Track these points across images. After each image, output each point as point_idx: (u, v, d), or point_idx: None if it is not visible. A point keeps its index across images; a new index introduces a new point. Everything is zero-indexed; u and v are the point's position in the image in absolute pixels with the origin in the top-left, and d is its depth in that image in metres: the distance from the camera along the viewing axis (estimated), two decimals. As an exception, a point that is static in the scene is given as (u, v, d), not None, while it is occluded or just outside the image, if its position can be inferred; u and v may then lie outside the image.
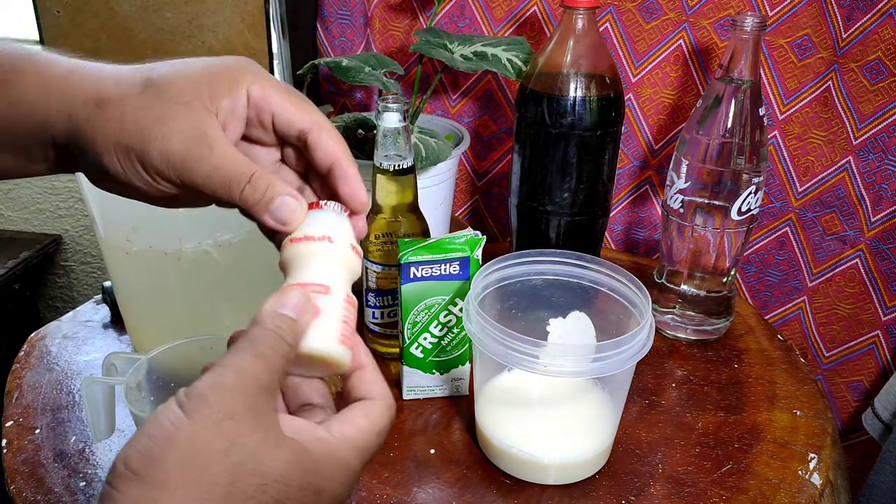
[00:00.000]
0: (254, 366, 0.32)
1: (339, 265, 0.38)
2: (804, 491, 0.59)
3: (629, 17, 0.86)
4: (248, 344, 0.33)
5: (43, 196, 1.38)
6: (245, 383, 0.32)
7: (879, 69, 0.77)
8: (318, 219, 0.39)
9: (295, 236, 0.39)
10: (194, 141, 0.37)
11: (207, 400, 0.30)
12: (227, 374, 0.32)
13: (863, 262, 0.84)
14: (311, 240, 0.38)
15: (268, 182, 0.38)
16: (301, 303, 0.36)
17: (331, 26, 0.91)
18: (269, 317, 0.34)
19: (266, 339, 0.33)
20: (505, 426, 0.60)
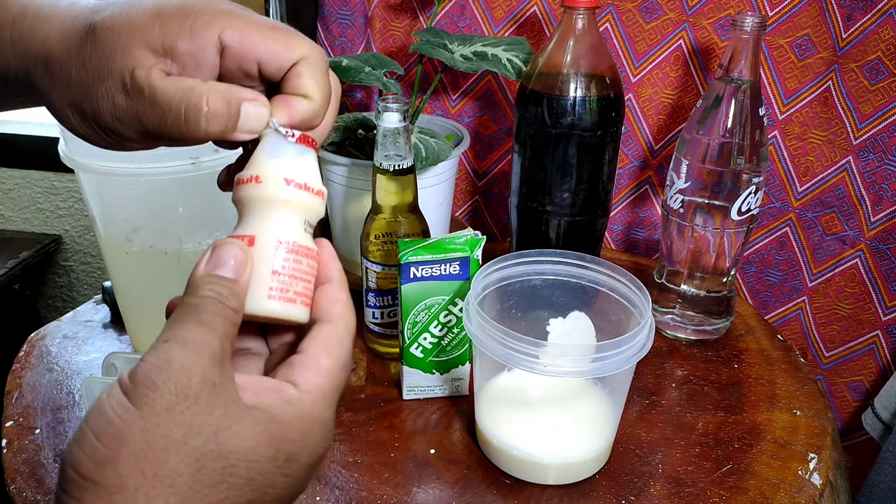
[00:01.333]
0: (200, 335, 0.29)
1: (269, 208, 0.33)
2: (804, 491, 0.59)
3: (629, 17, 0.86)
4: (187, 313, 0.30)
5: (43, 196, 1.38)
6: (195, 356, 0.29)
7: (879, 69, 0.77)
8: (256, 155, 0.34)
9: (236, 176, 0.35)
10: (134, 91, 0.33)
11: (155, 384, 0.28)
12: (174, 349, 0.28)
13: (863, 262, 0.84)
14: (240, 183, 0.34)
15: (225, 101, 0.33)
16: (239, 260, 0.32)
17: (331, 26, 0.91)
18: (203, 282, 0.31)
19: (206, 306, 0.30)
20: (505, 426, 0.60)
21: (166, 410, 0.27)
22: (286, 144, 0.34)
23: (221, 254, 0.32)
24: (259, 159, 0.34)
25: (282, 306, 0.33)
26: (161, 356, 0.28)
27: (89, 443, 0.27)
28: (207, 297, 0.30)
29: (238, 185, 0.34)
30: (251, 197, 0.33)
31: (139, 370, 0.28)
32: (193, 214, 0.68)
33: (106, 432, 0.27)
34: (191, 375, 0.28)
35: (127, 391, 0.28)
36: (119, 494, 0.26)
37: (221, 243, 0.32)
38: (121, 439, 0.27)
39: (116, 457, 0.27)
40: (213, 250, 0.32)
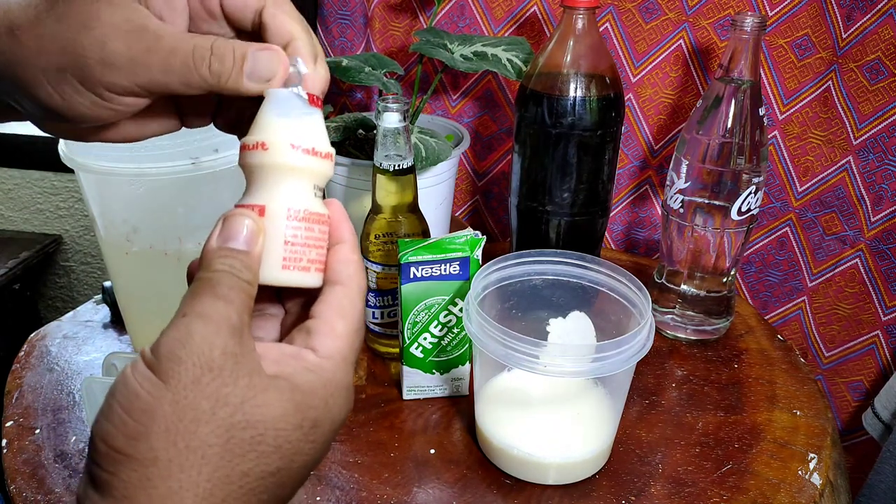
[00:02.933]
0: (217, 308, 0.29)
1: (278, 176, 0.33)
2: (804, 491, 0.59)
3: (629, 17, 0.86)
4: (202, 288, 0.30)
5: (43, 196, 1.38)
6: (215, 328, 0.29)
7: (879, 69, 0.77)
8: (259, 118, 0.33)
9: (241, 141, 0.33)
10: (134, 35, 0.31)
11: (179, 358, 0.28)
12: (193, 323, 0.29)
13: (863, 262, 0.84)
14: (245, 149, 0.33)
15: (231, 46, 0.32)
16: (251, 231, 0.31)
17: (331, 26, 0.91)
18: (216, 255, 0.31)
19: (221, 279, 0.30)
20: (505, 426, 0.60)
21: (193, 383, 0.28)
22: (291, 105, 0.33)
23: (233, 225, 0.31)
24: (264, 122, 0.33)
25: (296, 275, 0.33)
26: (181, 330, 0.28)
27: (119, 417, 0.27)
28: (221, 270, 0.30)
29: (244, 152, 0.33)
30: (258, 164, 0.32)
31: (161, 345, 0.28)
32: (193, 214, 0.68)
33: (135, 406, 0.27)
34: (212, 347, 0.28)
35: (151, 365, 0.28)
36: (153, 467, 0.27)
37: (231, 214, 0.32)
38: (151, 413, 0.27)
39: (148, 430, 0.27)
40: (223, 222, 0.31)
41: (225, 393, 0.28)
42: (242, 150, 0.33)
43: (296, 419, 0.30)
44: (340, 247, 0.35)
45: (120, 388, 0.28)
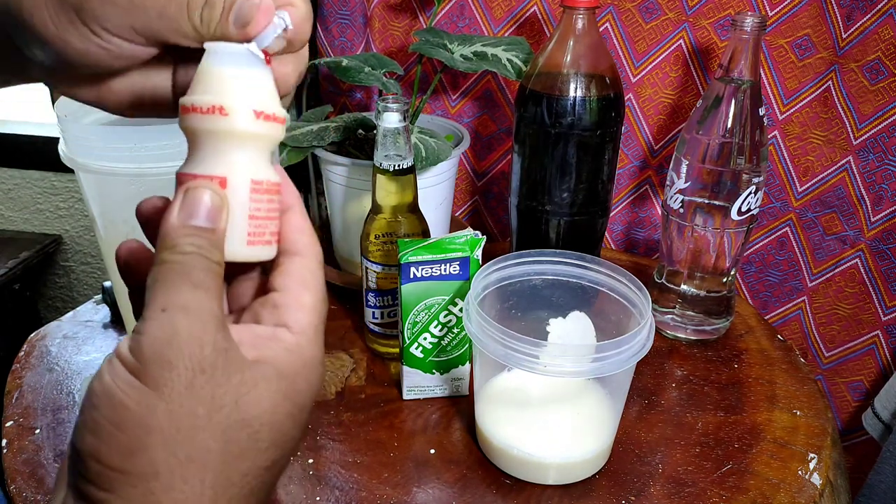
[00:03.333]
0: (198, 299, 0.27)
1: (238, 144, 0.30)
2: (804, 491, 0.59)
3: (629, 17, 0.86)
4: (175, 275, 0.28)
5: (43, 196, 1.38)
6: (201, 323, 0.27)
7: (879, 69, 0.77)
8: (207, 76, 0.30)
9: (184, 100, 0.30)
10: None
11: (170, 363, 0.26)
12: (177, 318, 0.27)
13: (863, 262, 0.84)
14: (195, 111, 0.29)
15: None
16: (215, 206, 0.29)
17: (331, 26, 0.91)
18: (180, 234, 0.28)
19: (193, 263, 0.28)
20: (505, 426, 0.60)
21: (186, 388, 0.26)
22: (248, 63, 0.30)
23: (195, 200, 0.29)
24: (216, 81, 0.30)
25: (259, 250, 0.31)
26: (165, 328, 0.26)
27: (108, 433, 0.26)
28: (190, 252, 0.28)
29: (193, 114, 0.29)
30: (214, 131, 0.29)
31: (144, 346, 0.26)
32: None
33: (126, 420, 0.26)
34: (203, 345, 0.27)
35: (136, 372, 0.26)
36: (155, 481, 0.26)
37: (193, 187, 0.29)
38: (145, 426, 0.26)
39: (144, 444, 0.26)
40: (184, 195, 0.29)
41: (220, 394, 0.27)
42: (191, 111, 0.29)
43: (286, 408, 0.29)
44: (291, 214, 0.33)
45: (103, 399, 0.26)
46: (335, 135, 0.78)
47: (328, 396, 0.69)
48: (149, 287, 0.28)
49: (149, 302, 0.27)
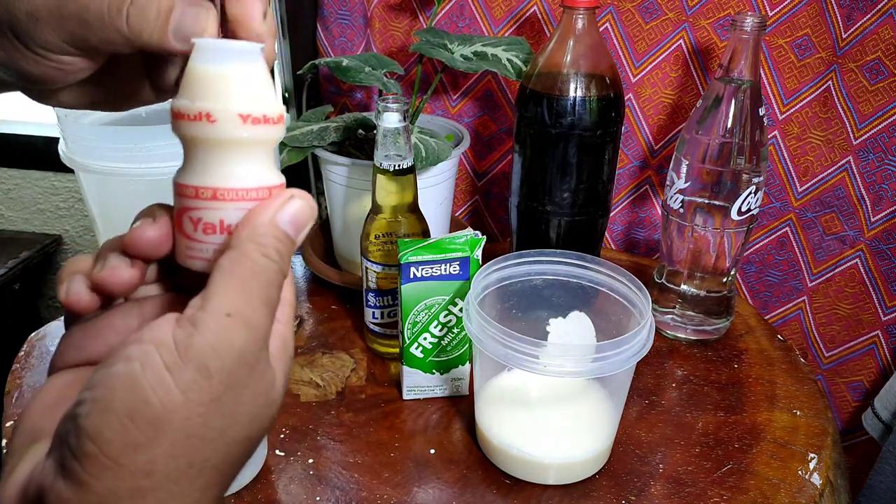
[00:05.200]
0: (262, 317, 0.27)
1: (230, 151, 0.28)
2: (804, 491, 0.59)
3: (629, 17, 0.86)
4: (255, 281, 0.27)
5: (43, 196, 1.38)
6: (254, 343, 0.26)
7: (879, 69, 0.77)
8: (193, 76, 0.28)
9: (173, 105, 0.28)
10: None
11: (208, 371, 0.25)
12: (237, 332, 0.26)
13: (863, 262, 0.84)
14: (185, 119, 0.28)
15: None
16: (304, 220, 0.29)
17: (331, 26, 0.91)
18: (273, 237, 0.28)
19: (271, 277, 0.27)
20: (505, 426, 0.60)
21: (212, 401, 0.25)
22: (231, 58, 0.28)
23: (298, 209, 0.28)
24: (203, 84, 0.27)
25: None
26: (223, 338, 0.25)
27: (119, 421, 0.24)
28: (275, 260, 0.27)
29: (181, 121, 0.28)
30: (203, 139, 0.28)
31: (193, 348, 0.25)
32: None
33: (142, 415, 0.24)
34: (244, 364, 0.26)
35: (171, 368, 0.25)
36: (147, 480, 0.25)
37: (299, 195, 0.29)
38: (159, 426, 0.24)
39: (150, 443, 0.25)
40: (288, 199, 0.28)
41: (240, 412, 0.26)
42: (180, 118, 0.28)
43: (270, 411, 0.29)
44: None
45: (125, 384, 0.25)
46: (335, 135, 0.78)
47: (329, 396, 0.69)
48: (221, 270, 0.27)
49: (214, 291, 0.26)
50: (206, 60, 0.27)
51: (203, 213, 0.28)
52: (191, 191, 0.28)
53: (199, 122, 0.27)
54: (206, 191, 0.28)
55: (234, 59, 0.28)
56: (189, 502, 0.26)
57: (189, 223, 0.29)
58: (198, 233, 0.29)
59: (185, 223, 0.29)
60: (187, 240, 0.29)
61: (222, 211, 0.28)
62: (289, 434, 0.64)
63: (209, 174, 0.28)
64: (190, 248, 0.29)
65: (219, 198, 0.28)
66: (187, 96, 0.28)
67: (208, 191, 0.28)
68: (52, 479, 0.25)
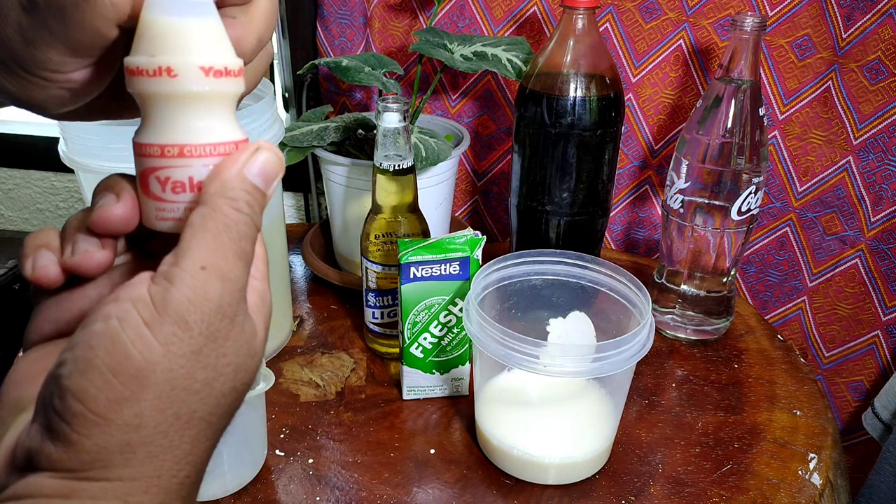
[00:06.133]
0: (238, 270, 0.27)
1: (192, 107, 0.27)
2: (804, 491, 0.59)
3: (629, 17, 0.86)
4: (227, 235, 0.27)
5: (43, 196, 1.38)
6: (230, 295, 0.26)
7: (879, 69, 0.77)
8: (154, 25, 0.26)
9: (128, 62, 0.27)
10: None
11: (187, 324, 0.25)
12: (212, 284, 0.26)
13: (863, 262, 0.84)
14: (142, 74, 0.26)
15: None
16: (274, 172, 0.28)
17: (331, 26, 0.91)
18: (243, 189, 0.27)
19: (244, 230, 0.27)
20: (505, 426, 0.60)
21: (193, 353, 0.25)
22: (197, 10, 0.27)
23: (266, 160, 0.28)
24: (160, 37, 0.26)
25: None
26: (199, 291, 0.26)
27: (102, 377, 0.24)
28: (246, 213, 0.27)
29: (138, 77, 0.26)
30: (164, 94, 0.27)
31: (170, 301, 0.25)
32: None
33: (124, 369, 0.25)
34: (223, 316, 0.26)
35: (150, 323, 0.25)
36: (135, 433, 0.25)
37: (268, 148, 0.28)
38: (142, 380, 0.25)
39: (135, 397, 0.25)
40: (257, 152, 0.28)
41: (223, 364, 0.26)
42: (138, 74, 0.26)
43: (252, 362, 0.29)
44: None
45: (105, 341, 0.25)
46: (335, 135, 0.78)
47: (328, 396, 0.69)
48: (193, 227, 0.27)
49: (188, 247, 0.26)
50: (161, 12, 0.26)
51: (171, 171, 0.27)
52: (156, 150, 0.27)
53: (159, 77, 0.26)
54: (173, 148, 0.27)
55: (190, 11, 0.27)
56: (179, 454, 0.26)
57: (156, 184, 0.28)
58: (167, 193, 0.28)
59: (151, 184, 0.28)
60: (156, 201, 0.28)
61: (191, 168, 0.28)
62: (289, 434, 0.64)
63: (174, 131, 0.27)
64: (160, 209, 0.28)
65: (186, 154, 0.27)
66: (144, 51, 0.26)
67: (175, 148, 0.27)
68: (39, 441, 0.25)
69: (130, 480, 0.25)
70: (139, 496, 0.25)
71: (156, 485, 0.26)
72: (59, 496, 0.25)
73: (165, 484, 0.26)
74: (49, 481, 0.25)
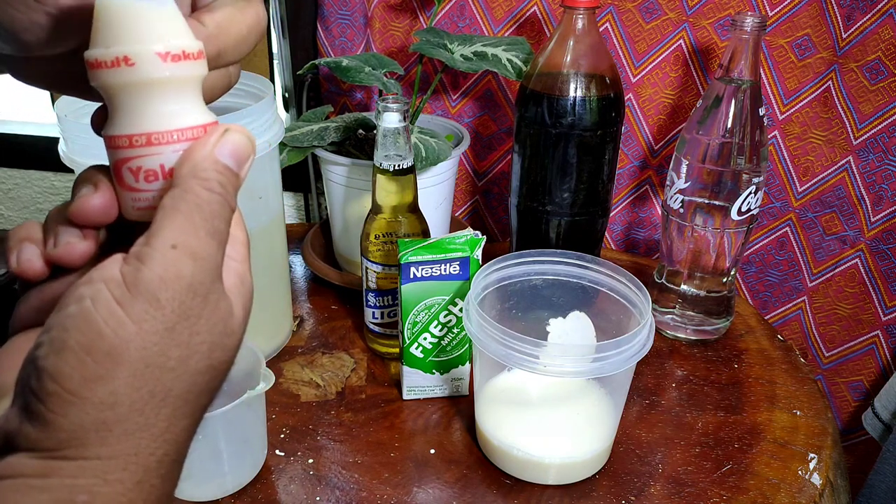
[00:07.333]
0: (210, 248, 0.27)
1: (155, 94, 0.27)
2: (804, 491, 0.59)
3: (629, 17, 0.86)
4: (198, 214, 0.27)
5: (43, 196, 1.38)
6: (202, 273, 0.26)
7: (879, 69, 0.77)
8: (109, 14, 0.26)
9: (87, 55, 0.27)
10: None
11: (159, 302, 0.25)
12: (184, 262, 0.26)
13: (863, 262, 0.84)
14: (101, 67, 0.26)
15: None
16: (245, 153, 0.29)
17: (331, 26, 0.91)
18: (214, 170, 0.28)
19: (216, 209, 0.27)
20: (505, 426, 0.60)
21: (166, 330, 0.26)
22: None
23: (236, 141, 0.28)
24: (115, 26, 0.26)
25: None
26: (170, 269, 0.26)
27: (76, 356, 0.25)
28: (218, 193, 0.27)
29: (98, 70, 0.27)
30: (125, 84, 0.27)
31: (141, 280, 0.25)
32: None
33: (97, 347, 0.25)
34: (195, 294, 0.26)
35: (122, 302, 0.25)
36: (111, 411, 0.25)
37: (237, 130, 0.29)
38: (115, 357, 0.25)
39: (109, 375, 0.25)
40: (226, 133, 0.28)
41: (197, 342, 0.26)
42: (98, 67, 0.27)
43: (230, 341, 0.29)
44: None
45: (78, 321, 0.25)
46: (335, 135, 0.78)
47: (329, 396, 0.69)
48: (164, 208, 0.27)
49: (159, 227, 0.27)
50: (112, 2, 0.26)
51: (142, 160, 0.28)
52: (124, 141, 0.27)
53: (117, 67, 0.26)
54: (140, 137, 0.27)
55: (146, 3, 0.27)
56: (156, 432, 0.26)
57: (129, 174, 0.28)
58: (140, 182, 0.28)
59: (125, 175, 0.28)
60: (130, 192, 0.28)
61: (161, 155, 0.28)
62: (289, 434, 0.64)
63: (139, 120, 0.27)
64: (135, 199, 0.29)
65: (154, 142, 0.27)
66: (101, 43, 0.26)
67: (142, 137, 0.27)
68: (17, 423, 0.25)
69: (108, 459, 0.25)
70: (118, 473, 0.25)
71: (133, 462, 0.26)
72: (37, 475, 0.25)
73: (143, 461, 0.26)
74: (28, 461, 0.25)
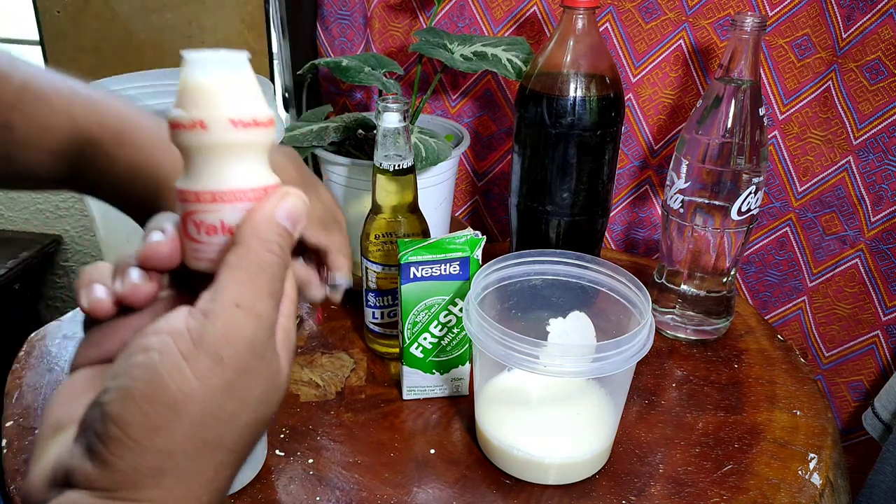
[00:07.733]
0: (269, 309, 0.29)
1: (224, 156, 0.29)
2: (804, 491, 0.59)
3: (629, 17, 0.86)
4: (261, 275, 0.29)
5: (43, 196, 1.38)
6: (262, 333, 0.28)
7: (879, 69, 0.77)
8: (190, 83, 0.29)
9: (169, 116, 0.30)
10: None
11: (221, 359, 0.27)
12: (247, 323, 0.28)
13: (863, 262, 0.84)
14: (180, 128, 0.29)
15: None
16: (300, 215, 0.30)
17: (331, 26, 0.91)
18: (275, 232, 0.29)
19: (276, 272, 0.29)
20: (505, 426, 0.60)
21: (225, 386, 0.27)
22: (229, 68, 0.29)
23: (293, 204, 0.30)
24: (194, 93, 0.29)
25: None
26: (234, 328, 0.27)
27: (139, 407, 0.26)
28: (278, 255, 0.29)
29: (177, 130, 0.29)
30: (198, 146, 0.29)
31: (206, 336, 0.27)
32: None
33: (161, 400, 0.26)
34: (254, 353, 0.28)
35: (187, 357, 0.27)
36: (169, 460, 0.27)
37: (294, 193, 0.31)
38: (177, 410, 0.27)
39: (169, 426, 0.27)
40: (286, 197, 0.30)
41: (251, 397, 0.28)
42: (177, 128, 0.29)
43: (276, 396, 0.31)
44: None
45: (144, 373, 0.27)
46: (335, 135, 0.78)
47: (329, 397, 0.69)
48: (230, 266, 0.29)
49: (224, 285, 0.28)
50: (195, 72, 0.29)
51: (204, 216, 0.30)
52: (192, 196, 0.30)
53: (193, 130, 0.29)
54: (206, 195, 0.30)
55: (221, 68, 0.29)
56: (204, 480, 0.28)
57: (193, 227, 0.30)
58: (201, 235, 0.30)
59: (189, 227, 0.30)
60: (193, 242, 0.31)
61: (221, 212, 0.30)
62: (289, 434, 0.64)
63: (207, 179, 0.30)
64: (196, 250, 0.31)
65: (217, 200, 0.30)
66: (182, 107, 0.29)
67: (207, 194, 0.30)
68: (79, 460, 0.27)
69: (159, 502, 0.27)
70: None
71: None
72: None
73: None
74: (85, 498, 0.27)
